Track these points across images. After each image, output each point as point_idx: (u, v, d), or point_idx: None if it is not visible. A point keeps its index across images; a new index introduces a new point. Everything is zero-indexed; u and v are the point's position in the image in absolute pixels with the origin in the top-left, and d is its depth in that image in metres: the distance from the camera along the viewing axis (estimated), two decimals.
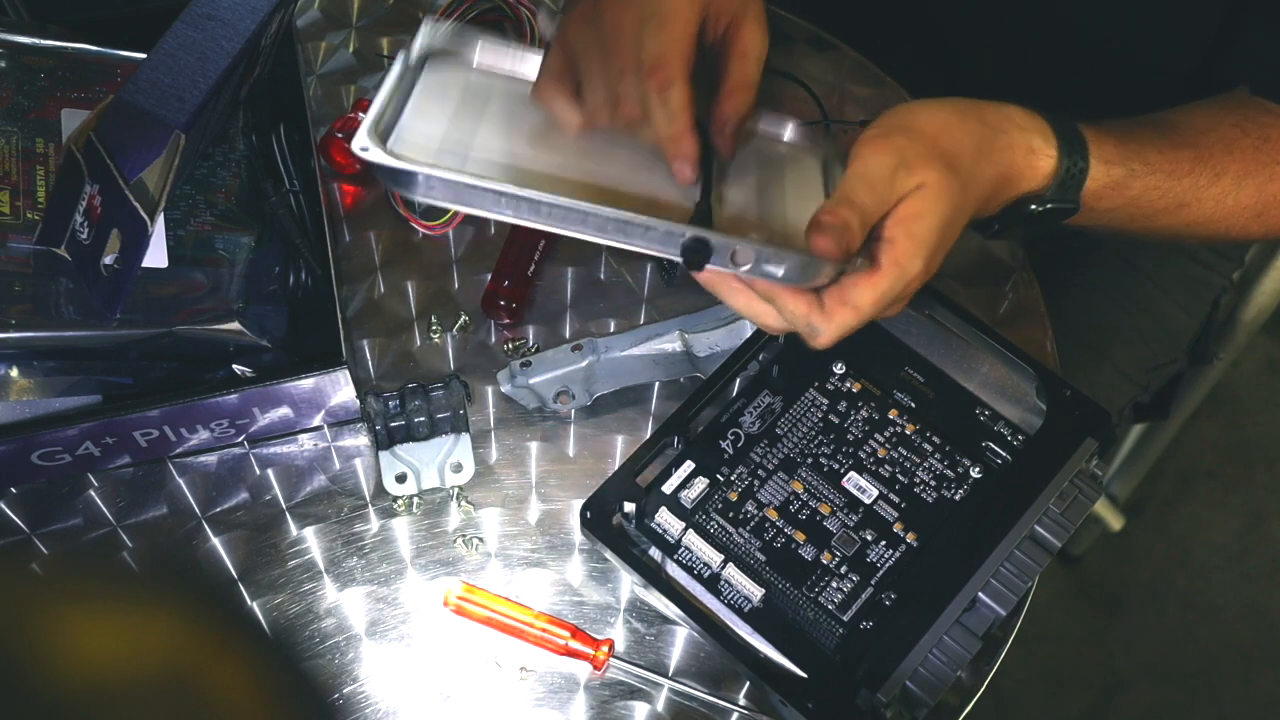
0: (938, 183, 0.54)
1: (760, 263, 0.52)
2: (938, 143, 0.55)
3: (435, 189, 0.52)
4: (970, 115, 0.58)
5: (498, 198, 0.51)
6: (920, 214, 0.54)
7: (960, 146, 0.56)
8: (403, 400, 0.70)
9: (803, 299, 0.54)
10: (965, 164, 0.56)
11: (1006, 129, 0.59)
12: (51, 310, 0.64)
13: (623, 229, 0.52)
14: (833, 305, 0.54)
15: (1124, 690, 1.37)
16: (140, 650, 0.29)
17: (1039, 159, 0.59)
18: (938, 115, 0.57)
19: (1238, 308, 1.00)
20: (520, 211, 0.52)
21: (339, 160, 0.80)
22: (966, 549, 0.62)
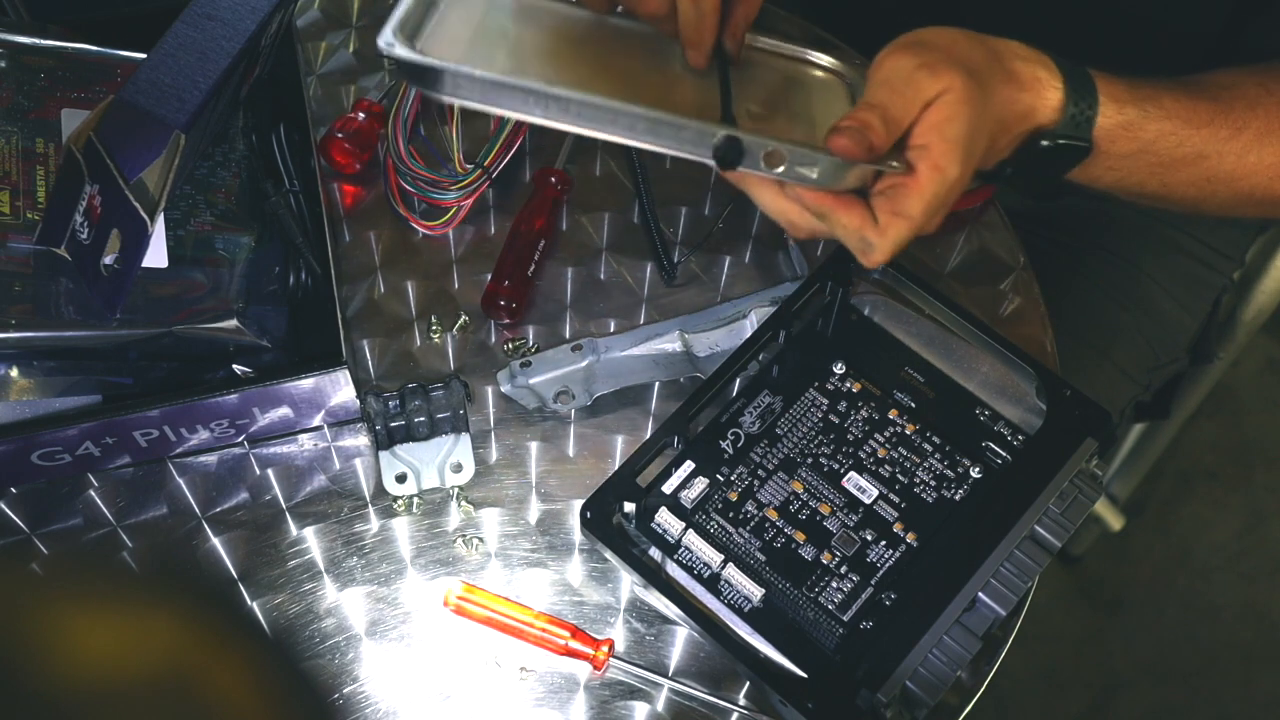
0: (962, 87, 0.55)
1: (793, 164, 0.52)
2: (951, 50, 0.56)
3: (462, 87, 0.51)
4: (975, 38, 0.59)
5: (526, 96, 0.50)
6: (950, 117, 0.55)
7: (975, 59, 0.57)
8: (403, 400, 0.70)
9: (855, 213, 0.54)
10: (982, 73, 0.57)
11: (1010, 59, 0.59)
12: (51, 310, 0.64)
13: (653, 129, 0.51)
14: (885, 218, 0.54)
15: (1124, 690, 1.37)
16: (140, 650, 0.29)
17: (1046, 90, 0.59)
18: (946, 33, 0.58)
19: (1238, 307, 0.99)
20: (550, 111, 0.51)
21: (339, 160, 0.80)
22: (966, 549, 0.62)
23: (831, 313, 0.70)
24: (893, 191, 0.55)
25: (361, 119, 0.80)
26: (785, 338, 0.69)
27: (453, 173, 0.79)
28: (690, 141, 0.52)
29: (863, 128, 0.52)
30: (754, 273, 0.78)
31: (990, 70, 0.58)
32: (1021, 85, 0.59)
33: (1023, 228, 0.82)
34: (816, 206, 0.55)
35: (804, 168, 0.53)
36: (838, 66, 0.66)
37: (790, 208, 0.57)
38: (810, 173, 0.53)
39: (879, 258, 0.56)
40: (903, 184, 0.55)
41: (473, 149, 0.80)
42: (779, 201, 0.57)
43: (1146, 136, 0.62)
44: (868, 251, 0.56)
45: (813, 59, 0.66)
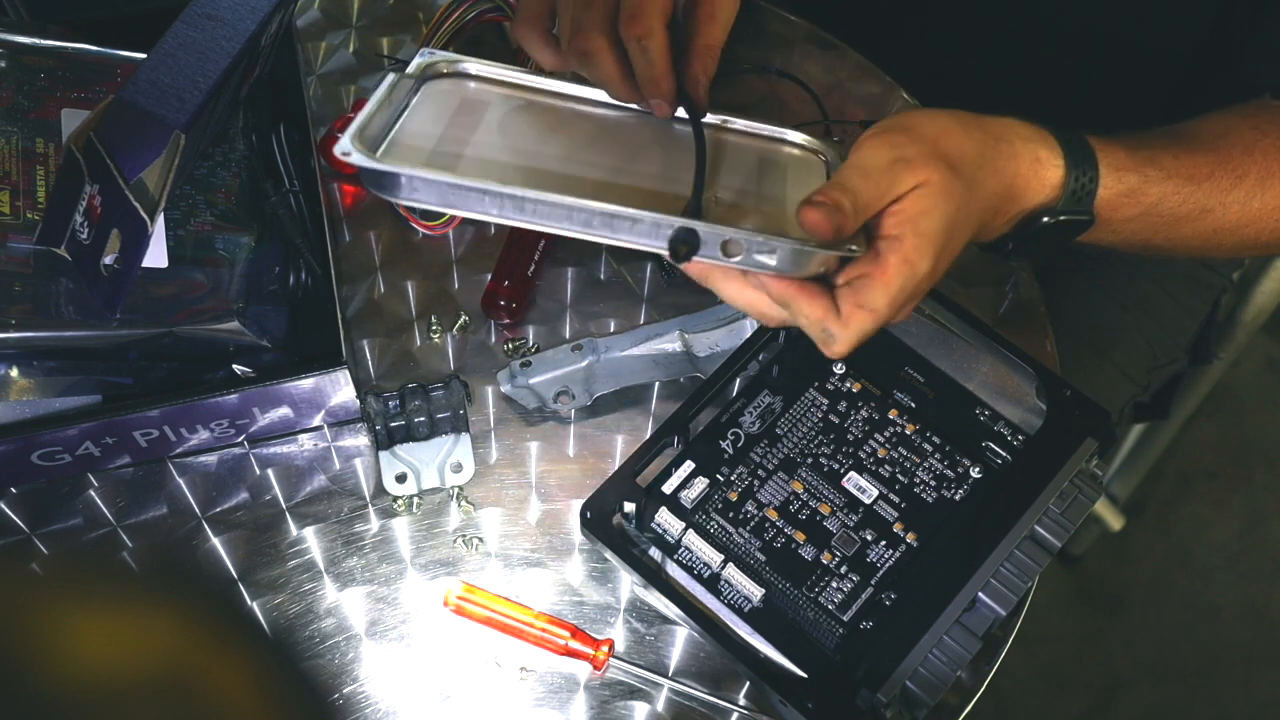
0: (940, 181, 0.54)
1: (752, 252, 0.52)
2: (938, 145, 0.55)
3: (419, 190, 0.52)
4: (972, 124, 0.57)
5: (481, 196, 0.51)
6: (925, 211, 0.53)
7: (962, 151, 0.56)
8: (403, 400, 0.70)
9: (818, 304, 0.53)
10: (968, 169, 0.55)
11: (1009, 138, 0.58)
12: (51, 310, 0.64)
13: (609, 223, 0.51)
14: (848, 309, 0.53)
15: (1124, 690, 1.37)
16: (140, 650, 0.29)
17: (1045, 169, 0.58)
18: (938, 120, 0.56)
19: (1238, 307, 1.00)
20: (505, 210, 0.51)
21: (339, 160, 0.79)
22: (966, 549, 0.62)
23: None
24: (859, 283, 0.53)
25: None
26: (785, 338, 0.69)
27: None
28: (646, 234, 0.52)
29: (835, 207, 0.51)
30: None
31: (981, 159, 0.56)
32: (1018, 166, 0.58)
33: None
34: (780, 295, 0.54)
35: (763, 255, 0.52)
36: (815, 145, 0.65)
37: (758, 298, 0.55)
38: (770, 259, 0.52)
39: (840, 349, 0.54)
40: (869, 275, 0.53)
41: None
42: (746, 292, 0.56)
43: (1149, 200, 0.61)
44: (829, 343, 0.54)
45: (790, 138, 0.65)
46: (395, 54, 0.87)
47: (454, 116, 0.60)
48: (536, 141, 0.60)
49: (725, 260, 0.52)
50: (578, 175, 0.57)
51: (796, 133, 0.65)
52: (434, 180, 0.51)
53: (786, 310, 0.55)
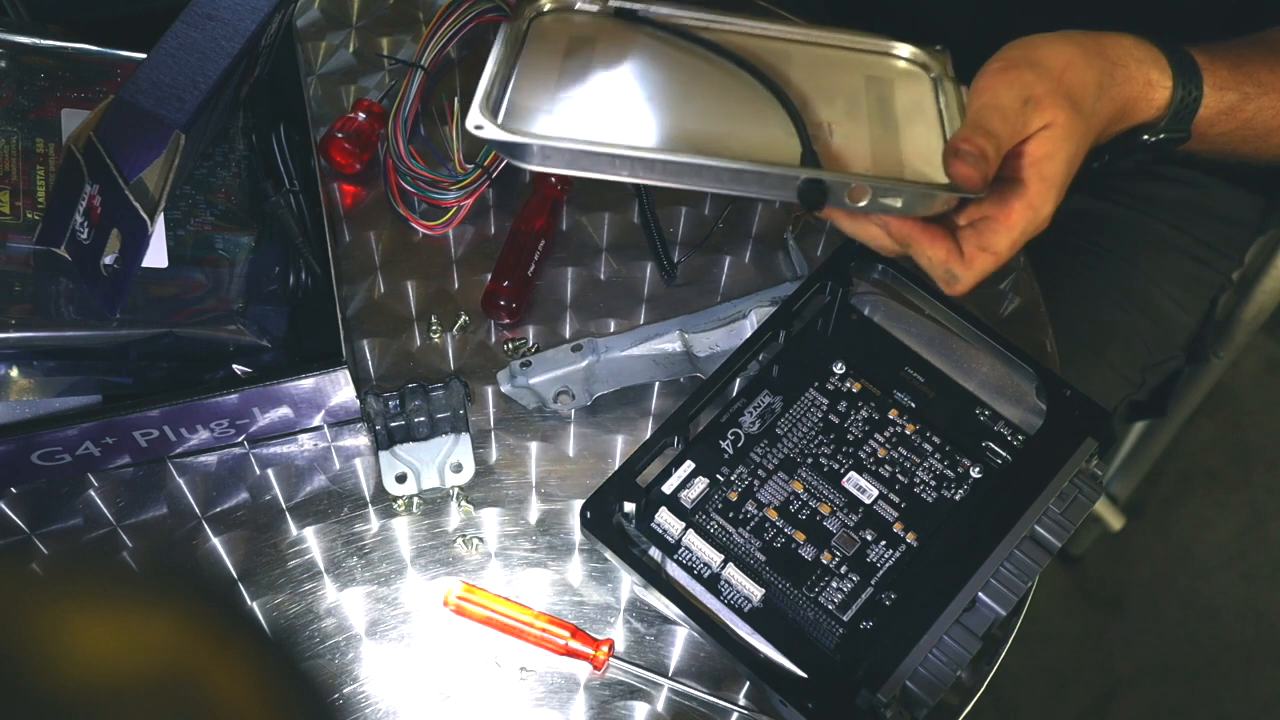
0: (1066, 123, 0.55)
1: (877, 197, 0.53)
2: (1063, 80, 0.56)
3: (551, 158, 0.53)
4: (1092, 50, 0.58)
5: (613, 160, 0.52)
6: (1050, 154, 0.54)
7: (1084, 84, 0.56)
8: (403, 400, 0.70)
9: (941, 244, 0.54)
10: (1088, 102, 0.56)
11: (1126, 63, 0.59)
12: (51, 310, 0.64)
13: (738, 178, 0.52)
14: (971, 251, 0.54)
15: (1124, 690, 1.37)
16: (140, 650, 0.29)
17: (1155, 91, 0.59)
18: (1063, 51, 0.57)
19: (1237, 307, 0.99)
20: (636, 171, 0.53)
21: (339, 160, 0.80)
22: (966, 549, 0.62)
23: (831, 313, 0.70)
24: (982, 225, 0.54)
25: (361, 119, 0.80)
26: (785, 338, 0.69)
27: (453, 173, 0.79)
28: (775, 186, 0.53)
29: (981, 156, 0.52)
30: (754, 273, 0.78)
31: (1101, 88, 0.57)
32: (1131, 89, 0.59)
33: None
34: (901, 234, 0.55)
35: (888, 199, 0.53)
36: (921, 57, 0.65)
37: (876, 232, 0.57)
38: (894, 203, 0.53)
39: (961, 289, 0.56)
40: (993, 218, 0.54)
41: (473, 149, 0.80)
42: (866, 228, 0.57)
43: (1245, 115, 0.62)
44: (951, 282, 0.56)
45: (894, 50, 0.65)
46: (395, 54, 0.87)
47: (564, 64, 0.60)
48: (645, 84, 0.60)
49: (851, 206, 0.53)
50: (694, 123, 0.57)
51: (902, 45, 0.65)
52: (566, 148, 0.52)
53: (908, 250, 0.56)
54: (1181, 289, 0.93)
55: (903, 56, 0.65)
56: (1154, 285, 0.92)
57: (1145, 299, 0.92)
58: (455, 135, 0.79)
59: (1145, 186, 0.94)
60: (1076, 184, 0.66)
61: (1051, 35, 0.58)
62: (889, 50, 0.65)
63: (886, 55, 0.65)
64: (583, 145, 0.52)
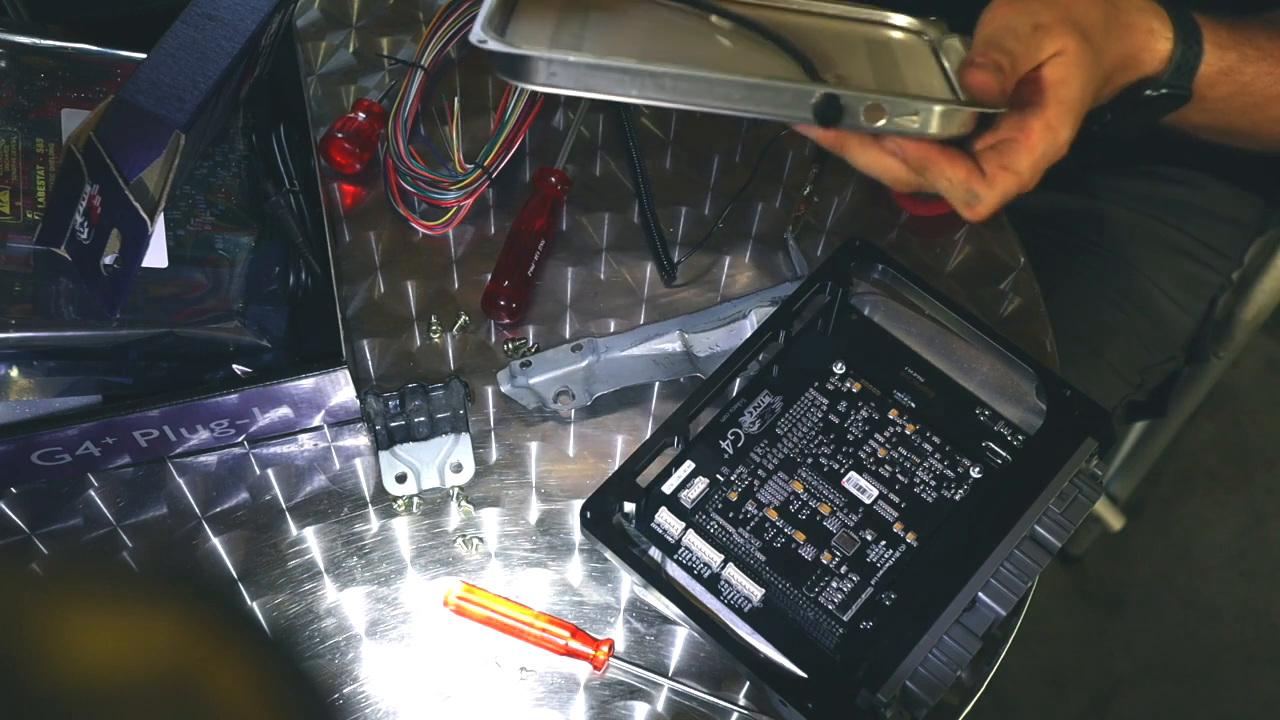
0: (1076, 50, 0.55)
1: (894, 115, 0.52)
2: (1070, 10, 0.56)
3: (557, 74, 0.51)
4: None
5: (621, 76, 0.50)
6: (1064, 79, 0.55)
7: (1091, 18, 0.57)
8: (403, 400, 0.70)
9: (962, 165, 0.54)
10: (1096, 34, 0.57)
11: (1126, 8, 0.59)
12: (51, 310, 0.64)
13: (750, 95, 0.51)
14: (993, 170, 0.54)
15: (1124, 690, 1.37)
16: (140, 650, 0.29)
17: (1157, 40, 0.60)
18: None
19: (1237, 307, 0.99)
20: (645, 88, 0.51)
21: (339, 160, 0.80)
22: (966, 549, 0.62)
23: (831, 313, 0.70)
24: (1003, 146, 0.55)
25: (361, 119, 0.80)
26: (785, 338, 0.69)
27: (453, 173, 0.79)
28: (788, 104, 0.52)
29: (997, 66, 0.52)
30: (754, 273, 0.78)
31: (1106, 27, 0.58)
32: (1134, 36, 0.59)
33: (1021, 227, 0.82)
34: (919, 159, 0.55)
35: (905, 118, 0.52)
36: (917, 26, 0.65)
37: (892, 163, 0.56)
38: (912, 123, 0.52)
39: (984, 210, 0.55)
40: (1014, 140, 0.55)
41: (473, 149, 0.80)
42: (880, 158, 0.56)
43: (1244, 79, 0.63)
44: (973, 203, 0.55)
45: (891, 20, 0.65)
46: (395, 54, 0.87)
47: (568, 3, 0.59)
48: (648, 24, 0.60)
49: (867, 126, 0.52)
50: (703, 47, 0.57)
51: (898, 14, 0.65)
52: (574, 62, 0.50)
53: (923, 175, 0.56)
54: (1181, 289, 0.93)
55: (899, 25, 0.65)
56: (1153, 285, 0.92)
57: (1145, 299, 0.92)
58: (455, 135, 0.79)
59: (1144, 186, 0.94)
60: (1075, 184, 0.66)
61: None
62: (884, 20, 0.65)
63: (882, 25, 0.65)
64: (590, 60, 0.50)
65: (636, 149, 0.81)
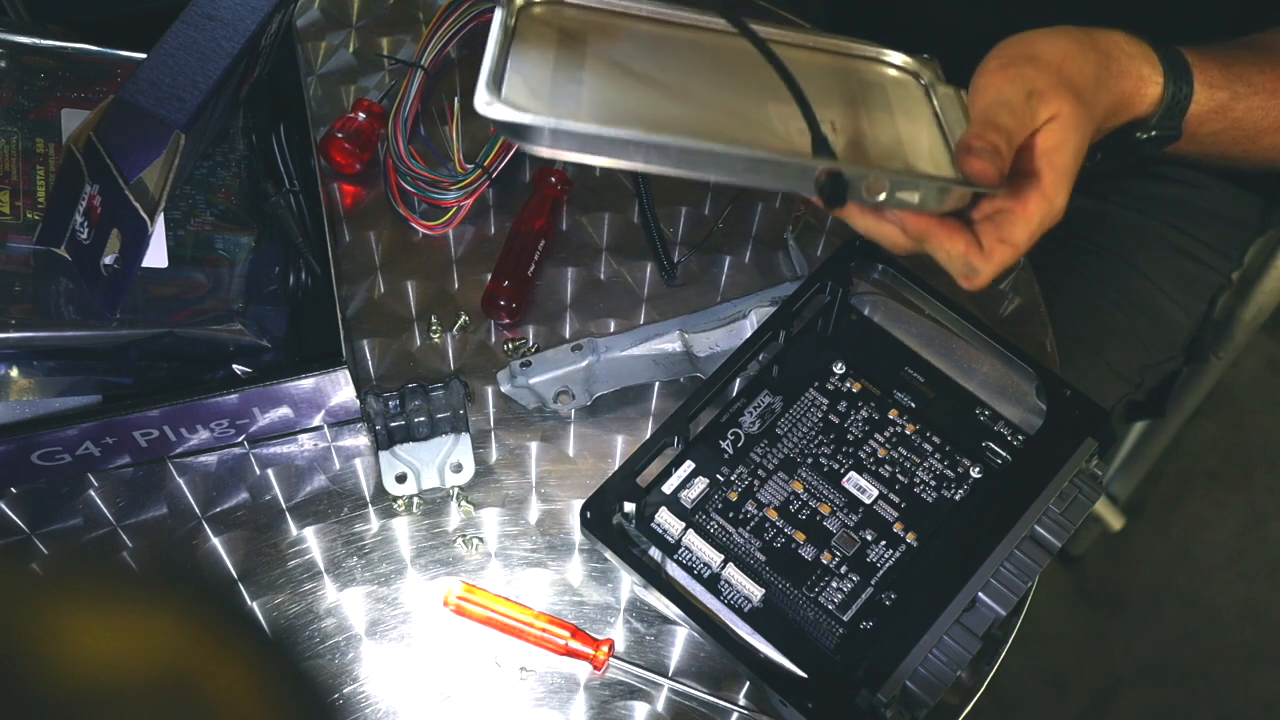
0: (1071, 113, 0.55)
1: (895, 191, 0.52)
2: (1063, 72, 0.56)
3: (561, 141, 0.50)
4: (1086, 43, 0.58)
5: (625, 145, 0.50)
6: (1058, 145, 0.55)
7: (1083, 76, 0.57)
8: (403, 400, 0.70)
9: (960, 239, 0.55)
10: (1089, 92, 0.57)
11: (1117, 55, 0.59)
12: (51, 310, 0.64)
13: (754, 168, 0.51)
14: (991, 244, 0.55)
15: (1124, 690, 1.37)
16: (140, 650, 0.29)
17: (1147, 86, 0.60)
18: (1058, 44, 0.58)
19: (1237, 307, 0.99)
20: (650, 158, 0.50)
21: (339, 160, 0.80)
22: (966, 549, 0.62)
23: (831, 313, 0.70)
24: (1000, 218, 0.55)
25: (361, 119, 0.80)
26: (785, 338, 0.69)
27: (453, 173, 0.79)
28: (792, 178, 0.52)
29: (994, 151, 0.52)
30: (754, 273, 0.78)
31: (1098, 81, 0.58)
32: (1124, 84, 0.59)
33: None
34: (917, 231, 0.55)
35: (905, 193, 0.52)
36: (912, 66, 0.65)
37: (891, 230, 0.57)
38: (912, 198, 0.53)
39: (981, 282, 0.56)
40: (1010, 210, 0.55)
41: (473, 149, 0.80)
42: (879, 225, 0.57)
43: (1235, 115, 0.63)
44: (971, 276, 0.56)
45: (884, 58, 0.65)
46: (395, 54, 0.87)
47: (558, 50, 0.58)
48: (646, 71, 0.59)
49: (868, 201, 0.52)
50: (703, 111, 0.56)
51: (894, 52, 0.65)
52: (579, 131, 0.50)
53: (925, 246, 0.56)
54: (1181, 289, 0.93)
55: (893, 64, 0.65)
56: (1153, 285, 0.92)
57: (1144, 299, 0.92)
58: (455, 135, 0.79)
59: (1145, 186, 0.94)
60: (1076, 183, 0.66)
61: (1045, 30, 0.59)
62: (879, 56, 0.65)
63: (876, 61, 0.65)
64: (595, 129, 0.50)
65: None
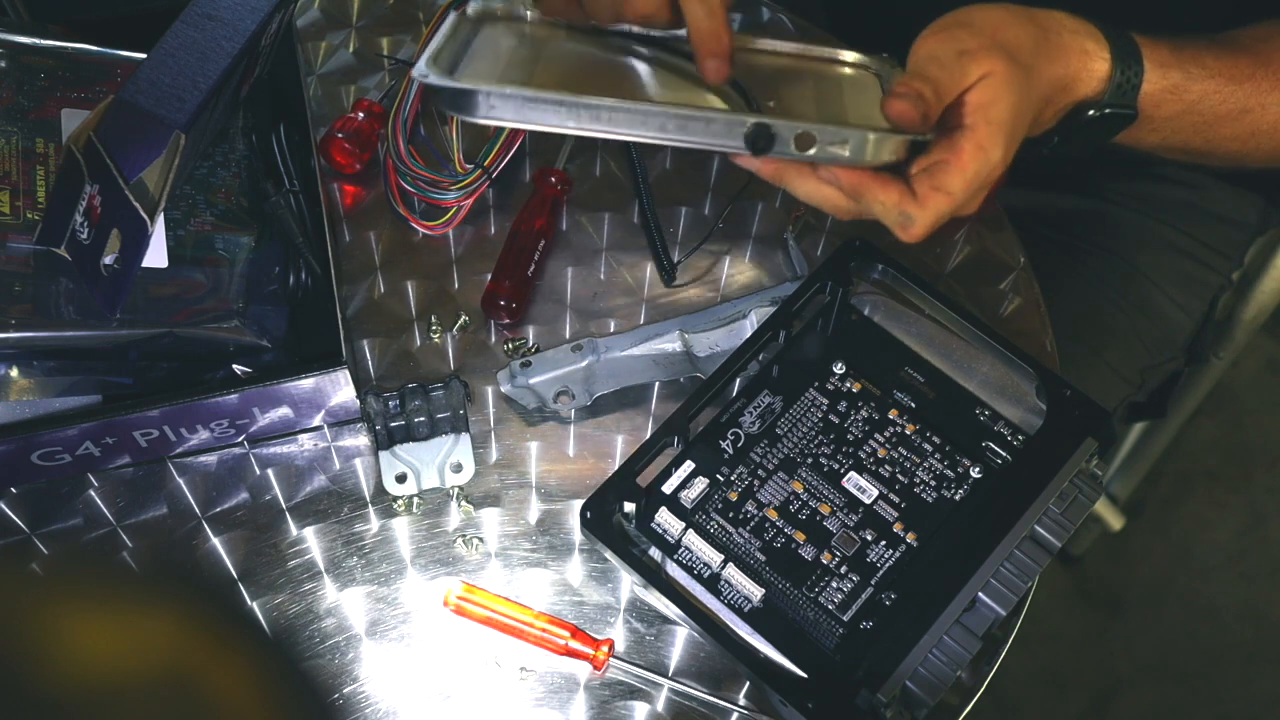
0: (1004, 71, 0.56)
1: (825, 144, 0.54)
2: (996, 36, 0.57)
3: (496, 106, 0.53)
4: (1023, 16, 0.59)
5: (558, 107, 0.53)
6: (993, 99, 0.56)
7: (1019, 41, 0.58)
8: (403, 400, 0.70)
9: (894, 188, 0.55)
10: (1025, 57, 0.57)
11: (1057, 30, 0.60)
12: (51, 310, 0.64)
13: (683, 125, 0.53)
14: (925, 191, 0.55)
15: (1124, 690, 1.37)
16: (140, 650, 0.29)
17: (1093, 61, 0.60)
18: (992, 13, 0.59)
19: (1237, 307, 0.99)
20: (582, 120, 0.53)
21: (339, 160, 0.80)
22: (966, 549, 0.62)
23: (831, 313, 0.70)
24: (935, 168, 0.56)
25: (361, 119, 0.80)
26: (785, 338, 0.69)
27: (453, 173, 0.79)
28: (721, 133, 0.54)
29: (919, 95, 0.53)
30: (754, 273, 0.78)
31: (1036, 49, 0.58)
32: (1068, 59, 0.60)
33: (1022, 227, 0.82)
34: (852, 186, 0.56)
35: (835, 146, 0.54)
36: (866, 61, 0.66)
37: (829, 192, 0.58)
38: (843, 150, 0.54)
39: (918, 231, 0.56)
40: (945, 161, 0.55)
41: (473, 149, 0.80)
42: (819, 188, 0.58)
43: (1191, 97, 0.63)
44: (907, 225, 0.56)
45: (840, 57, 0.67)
46: (395, 54, 0.87)
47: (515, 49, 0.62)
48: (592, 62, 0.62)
49: (799, 154, 0.54)
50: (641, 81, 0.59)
51: (848, 51, 0.66)
52: (511, 94, 0.53)
53: (859, 202, 0.57)
54: (1181, 290, 0.93)
55: (849, 61, 0.67)
56: (1153, 286, 0.92)
57: (1145, 300, 0.92)
58: (455, 135, 0.79)
59: (1145, 186, 0.94)
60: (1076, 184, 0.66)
61: (981, 3, 0.60)
62: (836, 57, 0.67)
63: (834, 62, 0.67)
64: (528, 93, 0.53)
65: (636, 149, 0.81)
